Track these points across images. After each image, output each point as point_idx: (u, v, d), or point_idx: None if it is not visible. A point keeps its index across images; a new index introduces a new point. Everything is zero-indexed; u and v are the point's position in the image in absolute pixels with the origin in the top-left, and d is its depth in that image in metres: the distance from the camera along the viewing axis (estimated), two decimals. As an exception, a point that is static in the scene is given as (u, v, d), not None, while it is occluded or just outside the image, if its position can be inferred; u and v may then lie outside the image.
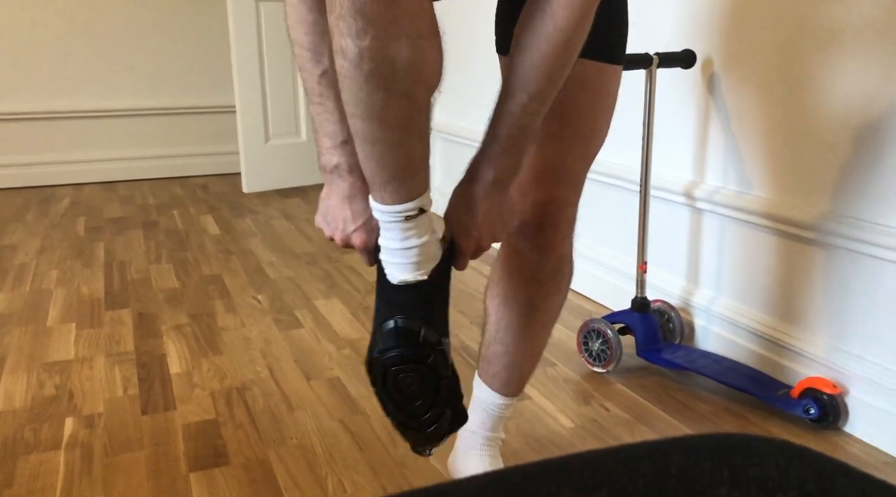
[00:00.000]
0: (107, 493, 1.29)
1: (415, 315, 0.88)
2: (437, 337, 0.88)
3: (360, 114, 0.80)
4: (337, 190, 0.94)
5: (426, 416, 0.90)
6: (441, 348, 0.88)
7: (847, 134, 1.43)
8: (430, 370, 0.87)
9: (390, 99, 0.78)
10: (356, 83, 0.78)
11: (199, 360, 1.83)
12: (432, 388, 0.88)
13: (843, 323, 1.48)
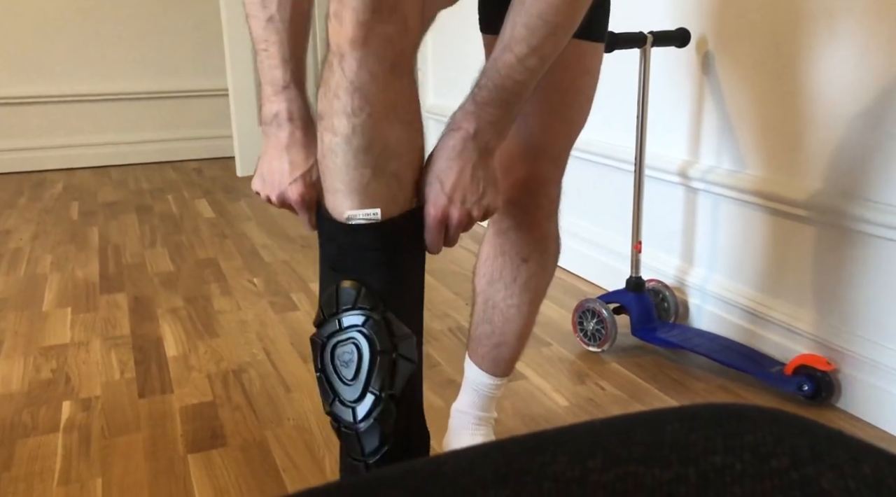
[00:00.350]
0: (105, 474, 1.30)
1: (354, 276, 0.78)
2: (377, 302, 0.77)
3: (342, 190, 0.78)
4: (274, 141, 0.88)
5: (359, 400, 0.77)
6: (383, 316, 0.77)
7: (840, 112, 1.43)
8: (366, 338, 0.76)
9: (375, 178, 0.77)
10: (344, 159, 0.76)
11: (195, 343, 1.84)
12: (368, 363, 0.76)
13: (835, 300, 1.48)
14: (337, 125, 0.77)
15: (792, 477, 0.26)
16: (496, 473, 0.27)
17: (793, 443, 0.28)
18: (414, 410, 0.82)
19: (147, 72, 4.12)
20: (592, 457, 0.28)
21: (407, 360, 0.78)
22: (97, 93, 4.04)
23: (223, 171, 3.94)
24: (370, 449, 0.76)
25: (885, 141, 1.35)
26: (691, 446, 0.28)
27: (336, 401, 0.78)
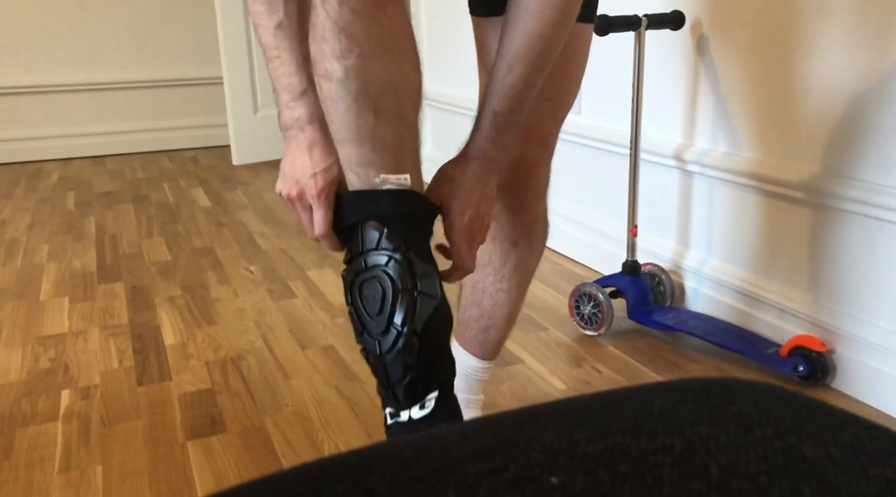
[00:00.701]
0: (105, 461, 1.31)
1: (377, 219, 0.81)
2: (399, 243, 0.80)
3: (350, 138, 0.78)
4: (295, 143, 0.89)
5: (384, 334, 0.81)
6: (405, 256, 0.80)
7: (834, 94, 1.43)
8: (389, 277, 0.79)
9: (379, 120, 0.77)
10: (344, 105, 0.77)
11: (193, 331, 1.84)
12: (391, 300, 0.80)
13: (830, 281, 1.49)
14: (330, 70, 0.77)
15: (775, 445, 0.26)
16: (485, 446, 0.27)
17: (776, 413, 0.29)
18: (439, 342, 0.84)
19: (142, 61, 4.10)
20: (580, 429, 0.28)
21: (428, 297, 0.81)
22: (92, 82, 4.02)
23: (219, 160, 3.94)
24: (395, 379, 0.81)
25: (878, 122, 1.36)
26: (677, 418, 0.29)
27: (365, 333, 0.82)
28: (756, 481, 0.24)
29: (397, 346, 0.80)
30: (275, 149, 3.86)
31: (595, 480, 0.24)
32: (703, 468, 0.25)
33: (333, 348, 1.73)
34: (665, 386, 0.32)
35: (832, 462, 0.25)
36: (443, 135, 2.96)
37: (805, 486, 0.24)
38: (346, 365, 1.65)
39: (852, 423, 0.28)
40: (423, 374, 0.82)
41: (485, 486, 0.24)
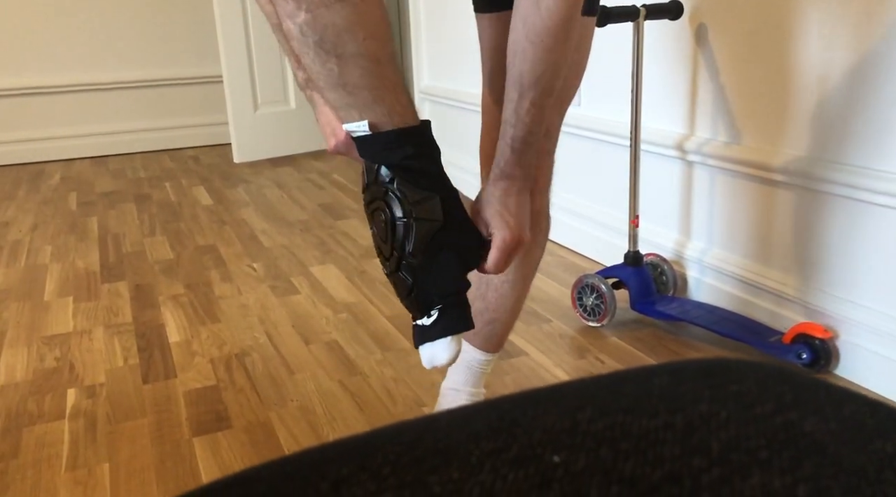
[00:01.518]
0: (112, 459, 1.31)
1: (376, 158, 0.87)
2: (391, 176, 0.86)
3: (324, 85, 0.83)
4: (315, 100, 0.95)
5: (389, 259, 0.90)
6: (399, 187, 0.86)
7: (833, 81, 1.43)
8: (387, 208, 0.87)
9: (344, 64, 0.80)
10: (308, 58, 0.81)
11: (197, 328, 1.85)
12: (390, 229, 0.88)
13: (832, 268, 1.49)
14: (288, 30, 0.81)
15: (776, 421, 0.26)
16: (488, 427, 0.28)
17: (776, 391, 0.29)
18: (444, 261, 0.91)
19: (142, 60, 4.10)
20: (582, 409, 0.28)
21: (425, 221, 0.88)
22: (92, 83, 4.03)
23: (220, 158, 3.94)
24: (401, 294, 0.92)
25: (879, 109, 1.35)
26: (678, 397, 0.29)
27: (381, 255, 0.92)
28: (756, 456, 0.24)
29: (400, 268, 0.89)
30: (275, 146, 3.86)
31: (597, 457, 0.25)
32: (704, 444, 0.25)
33: (337, 343, 1.73)
34: (665, 367, 0.33)
35: (833, 437, 0.25)
36: (443, 129, 2.96)
37: (806, 459, 0.24)
38: (350, 359, 1.65)
39: (853, 399, 0.28)
40: (423, 291, 0.91)
41: (488, 466, 0.25)
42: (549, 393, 0.31)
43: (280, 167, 3.66)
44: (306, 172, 3.55)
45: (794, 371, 0.32)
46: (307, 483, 0.25)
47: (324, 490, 0.24)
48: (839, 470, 0.23)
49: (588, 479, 0.24)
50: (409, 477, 0.24)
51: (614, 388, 0.31)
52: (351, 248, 2.41)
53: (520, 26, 0.89)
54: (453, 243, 0.91)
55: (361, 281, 2.12)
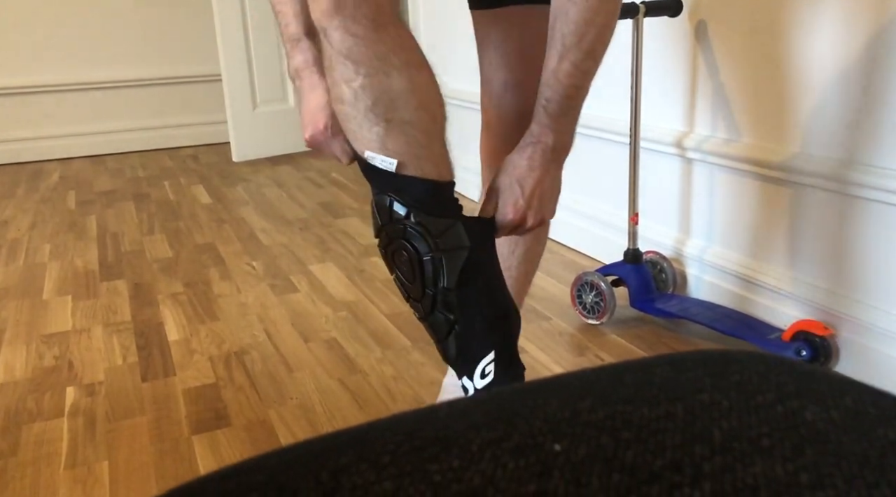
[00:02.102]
0: (111, 457, 1.31)
1: (384, 189, 0.84)
2: (408, 210, 0.83)
3: (361, 148, 0.83)
4: (300, 91, 0.94)
5: (420, 299, 0.85)
6: (418, 220, 0.83)
7: (833, 78, 1.43)
8: (410, 247, 0.83)
9: (390, 129, 0.81)
10: (356, 123, 0.82)
11: (196, 326, 1.84)
12: (418, 269, 0.83)
13: (832, 265, 1.49)
14: (341, 94, 0.81)
15: (777, 410, 0.26)
16: (488, 417, 0.28)
17: (778, 380, 0.29)
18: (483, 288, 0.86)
19: (140, 59, 4.10)
20: (582, 399, 0.28)
21: (452, 251, 0.83)
22: (90, 82, 4.02)
23: (219, 157, 3.94)
24: (440, 335, 0.86)
25: (879, 106, 1.35)
26: (679, 386, 0.29)
27: (410, 298, 0.87)
28: (758, 444, 0.24)
29: (436, 307, 0.84)
30: (274, 145, 3.86)
31: (598, 446, 0.25)
32: (706, 433, 0.25)
33: (336, 341, 1.73)
34: (666, 358, 0.33)
35: (834, 425, 0.25)
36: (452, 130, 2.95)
37: (807, 447, 0.24)
38: (350, 357, 1.65)
39: (854, 388, 0.28)
40: (466, 331, 0.84)
41: (488, 454, 0.24)
42: (549, 383, 0.31)
43: (279, 166, 3.66)
44: (305, 171, 3.55)
45: (795, 361, 0.31)
46: (306, 472, 0.24)
47: (323, 479, 0.24)
48: (841, 457, 0.23)
49: (589, 468, 0.23)
50: (408, 466, 0.24)
51: (615, 379, 0.30)
52: (350, 247, 2.41)
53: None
54: (487, 268, 0.86)
55: (361, 279, 2.12)
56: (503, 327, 0.88)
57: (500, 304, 0.89)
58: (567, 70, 0.88)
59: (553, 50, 0.89)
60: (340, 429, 0.29)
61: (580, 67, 0.89)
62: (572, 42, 0.87)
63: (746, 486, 0.22)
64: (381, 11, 0.80)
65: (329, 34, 0.79)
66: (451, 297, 0.83)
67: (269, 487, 0.24)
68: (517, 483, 0.23)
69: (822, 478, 0.22)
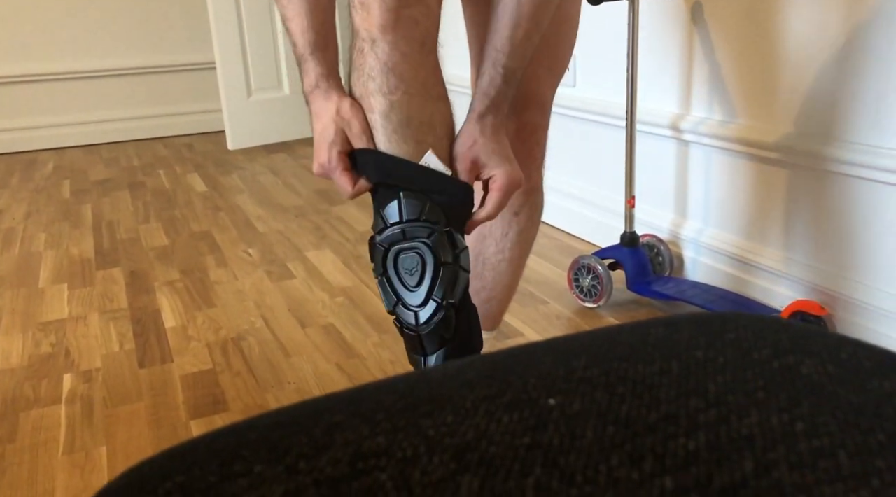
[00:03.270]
0: (109, 442, 1.31)
1: (417, 188, 0.83)
2: (440, 216, 0.82)
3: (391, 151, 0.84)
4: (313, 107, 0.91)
5: (422, 306, 0.83)
6: (445, 229, 0.82)
7: (830, 58, 1.42)
8: (431, 250, 0.81)
9: (418, 152, 0.83)
10: (385, 134, 0.82)
11: (193, 313, 1.84)
12: (432, 273, 0.81)
13: (828, 245, 1.49)
14: (374, 104, 0.82)
15: (773, 366, 0.26)
16: (481, 376, 0.27)
17: (773, 338, 0.29)
18: (471, 318, 0.88)
19: (133, 48, 4.07)
20: (577, 358, 0.28)
21: (465, 271, 0.84)
22: (84, 70, 4.00)
23: (214, 145, 3.92)
24: (431, 350, 0.85)
25: (876, 85, 1.35)
26: (674, 345, 0.29)
27: (399, 304, 0.84)
28: (754, 397, 0.24)
29: (435, 318, 0.82)
30: (269, 132, 3.84)
31: (593, 400, 0.24)
32: (701, 387, 0.25)
33: (333, 327, 1.73)
34: (660, 320, 0.32)
35: (830, 378, 0.25)
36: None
37: (803, 399, 0.24)
38: (347, 342, 1.65)
39: (849, 344, 0.28)
40: (456, 350, 0.85)
41: (482, 410, 0.24)
42: (542, 345, 0.31)
43: (274, 153, 3.65)
44: (301, 158, 3.53)
45: (790, 322, 0.31)
46: (299, 430, 0.24)
47: (316, 435, 0.24)
48: (837, 407, 0.23)
49: (584, 421, 0.23)
50: (402, 422, 0.24)
51: (609, 339, 0.30)
52: (346, 233, 2.40)
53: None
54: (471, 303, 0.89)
55: (357, 265, 2.11)
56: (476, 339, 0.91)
57: (478, 341, 0.90)
58: (521, 38, 0.90)
59: (507, 16, 0.90)
60: (334, 392, 0.29)
61: (531, 36, 0.91)
62: (529, 12, 0.89)
63: (742, 436, 0.22)
64: (429, 38, 0.85)
65: (378, 46, 0.80)
66: (451, 315, 0.83)
67: (261, 445, 0.24)
68: (511, 436, 0.23)
69: (817, 426, 0.22)
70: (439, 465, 0.21)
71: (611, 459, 0.21)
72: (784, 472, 0.20)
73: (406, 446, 0.22)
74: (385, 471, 0.21)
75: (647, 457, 0.21)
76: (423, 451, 0.22)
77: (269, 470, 0.21)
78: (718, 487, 0.20)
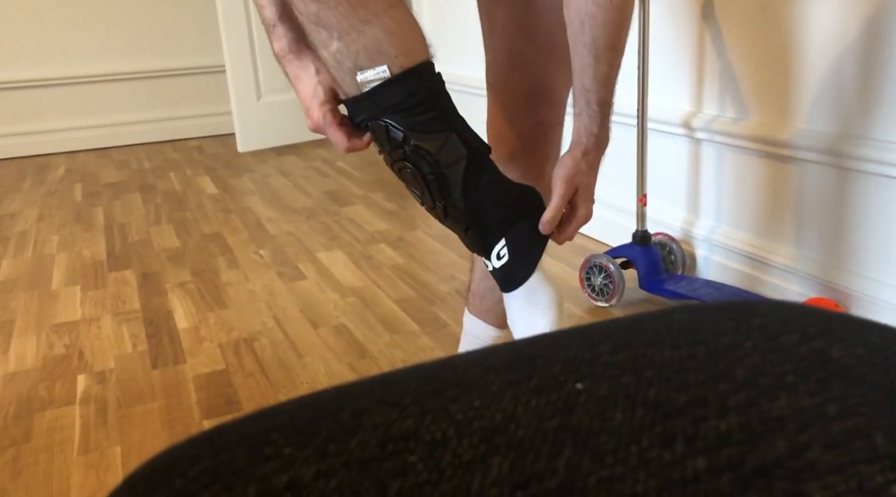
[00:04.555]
0: (124, 442, 1.32)
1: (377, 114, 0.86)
2: (402, 133, 0.85)
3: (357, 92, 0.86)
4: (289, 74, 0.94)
5: (434, 208, 0.91)
6: (412, 144, 0.86)
7: (842, 54, 1.41)
8: (413, 166, 0.87)
9: (371, 25, 0.81)
10: (346, 84, 0.83)
11: (205, 314, 1.85)
12: (423, 183, 0.88)
13: (843, 242, 1.48)
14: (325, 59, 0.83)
15: (802, 350, 0.26)
16: (507, 361, 0.27)
17: (801, 323, 0.28)
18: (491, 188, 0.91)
19: (144, 51, 4.09)
20: (602, 343, 0.28)
21: (452, 165, 0.87)
22: (94, 75, 4.02)
23: (224, 148, 3.94)
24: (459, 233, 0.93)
25: (884, 81, 1.34)
26: (700, 331, 0.28)
27: (425, 204, 0.92)
28: (783, 380, 0.24)
29: (449, 213, 0.90)
30: (279, 135, 3.85)
31: (620, 384, 0.24)
32: (729, 371, 0.25)
33: (345, 327, 1.73)
34: (684, 307, 0.32)
35: (861, 361, 0.25)
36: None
37: (834, 382, 0.23)
38: (359, 342, 1.65)
39: (878, 327, 0.28)
40: (481, 229, 0.91)
41: (509, 394, 0.24)
42: (566, 332, 0.31)
43: (284, 156, 3.66)
44: (311, 160, 3.54)
45: (816, 308, 0.31)
46: (326, 414, 0.24)
47: (344, 419, 0.23)
48: (870, 389, 0.23)
49: (612, 404, 0.23)
50: (429, 406, 0.24)
51: (634, 326, 0.30)
52: (357, 234, 2.41)
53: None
54: (486, 166, 0.91)
55: (368, 266, 2.11)
56: (514, 212, 0.93)
57: (507, 195, 0.93)
58: (605, 72, 0.92)
59: (587, 53, 0.91)
60: (354, 380, 0.29)
61: (614, 65, 0.93)
62: (606, 45, 0.90)
63: (773, 418, 0.22)
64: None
65: (295, 4, 0.80)
66: (459, 205, 0.89)
67: (288, 428, 0.24)
68: (540, 419, 0.23)
69: (850, 408, 0.22)
70: (469, 447, 0.21)
71: (641, 441, 0.21)
72: (818, 452, 0.20)
73: (434, 429, 0.22)
74: (415, 453, 0.21)
75: (678, 438, 0.21)
76: (451, 434, 0.22)
77: (298, 452, 0.21)
78: (752, 467, 0.19)
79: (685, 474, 0.19)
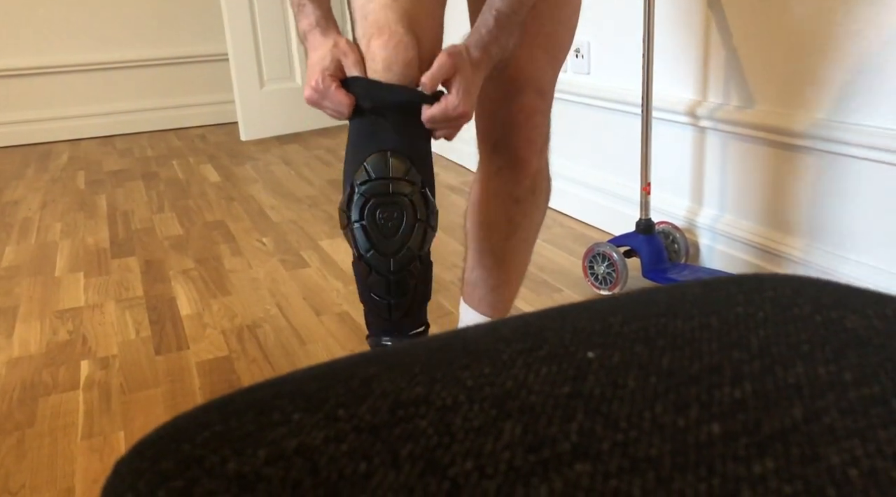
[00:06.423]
0: (127, 427, 1.32)
1: (402, 150, 0.89)
2: (420, 178, 0.89)
3: None
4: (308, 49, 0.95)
5: (396, 256, 0.89)
6: (422, 192, 0.89)
7: (847, 42, 1.40)
8: (412, 205, 0.88)
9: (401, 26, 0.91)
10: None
11: (208, 301, 1.85)
12: (408, 227, 0.88)
13: (846, 231, 1.48)
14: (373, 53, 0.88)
15: (816, 320, 0.26)
16: (517, 332, 0.27)
17: (814, 295, 0.28)
18: (428, 277, 0.95)
19: (147, 39, 4.08)
20: (613, 315, 0.28)
21: (433, 231, 0.91)
22: (98, 62, 4.01)
23: (227, 137, 3.93)
24: (399, 294, 0.91)
25: (891, 69, 1.33)
26: (712, 302, 0.28)
27: (373, 250, 0.89)
28: (798, 349, 0.24)
29: (408, 267, 0.89)
30: (282, 123, 3.85)
31: (633, 353, 0.24)
32: (743, 340, 0.24)
33: (348, 314, 1.73)
34: (695, 282, 0.32)
35: (876, 332, 0.24)
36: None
37: (849, 351, 0.23)
38: (362, 330, 1.65)
39: (892, 300, 0.27)
40: (416, 303, 0.93)
41: (520, 362, 0.24)
42: (576, 306, 0.31)
43: (287, 144, 3.65)
44: (313, 149, 3.54)
45: (829, 281, 0.31)
46: (336, 381, 0.24)
47: (353, 386, 0.23)
48: (886, 358, 0.22)
49: (624, 372, 0.23)
50: (439, 373, 0.24)
51: (645, 299, 0.30)
52: (360, 222, 2.40)
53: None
54: None
55: (371, 254, 2.11)
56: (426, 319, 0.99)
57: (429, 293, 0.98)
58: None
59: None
60: (363, 351, 0.29)
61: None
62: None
63: (789, 385, 0.21)
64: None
65: None
66: (419, 266, 0.90)
67: (298, 396, 0.23)
68: (551, 386, 0.22)
69: (866, 376, 0.22)
70: (479, 412, 0.21)
71: (655, 407, 0.21)
72: (835, 417, 0.20)
73: (445, 396, 0.22)
74: (425, 418, 0.21)
75: (692, 404, 0.21)
76: (462, 400, 0.22)
77: (307, 418, 0.21)
78: (768, 432, 0.19)
79: (700, 439, 0.19)
